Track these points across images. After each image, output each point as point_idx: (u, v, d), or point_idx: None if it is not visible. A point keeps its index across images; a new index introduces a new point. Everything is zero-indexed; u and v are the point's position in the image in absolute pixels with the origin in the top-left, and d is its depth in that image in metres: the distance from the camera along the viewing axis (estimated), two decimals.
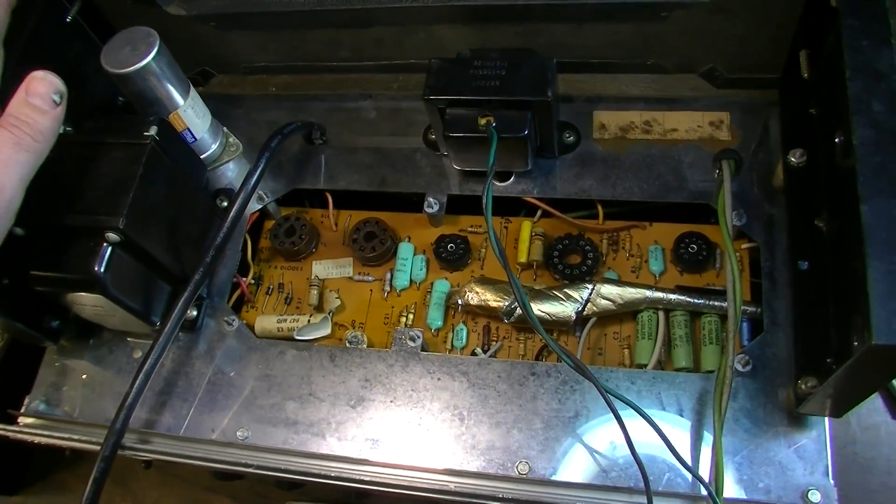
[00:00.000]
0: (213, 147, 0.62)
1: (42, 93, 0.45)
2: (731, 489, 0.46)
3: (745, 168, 0.55)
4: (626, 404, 0.45)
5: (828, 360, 0.42)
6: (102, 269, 0.49)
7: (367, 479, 0.50)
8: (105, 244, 0.49)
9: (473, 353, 0.55)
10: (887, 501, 0.58)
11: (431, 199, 0.58)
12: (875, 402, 0.60)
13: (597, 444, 0.49)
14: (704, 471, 0.46)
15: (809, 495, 0.45)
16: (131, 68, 0.54)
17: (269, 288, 0.60)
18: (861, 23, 0.43)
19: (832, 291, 0.44)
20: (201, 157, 0.61)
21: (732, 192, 0.53)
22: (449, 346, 0.56)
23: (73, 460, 0.69)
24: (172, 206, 0.54)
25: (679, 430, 0.48)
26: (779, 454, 0.47)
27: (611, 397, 0.44)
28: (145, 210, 0.50)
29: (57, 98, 0.46)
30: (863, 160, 0.38)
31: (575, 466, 0.48)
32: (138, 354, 0.57)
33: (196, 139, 0.60)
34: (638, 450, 0.45)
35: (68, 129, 0.56)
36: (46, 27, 0.57)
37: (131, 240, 0.49)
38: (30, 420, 0.58)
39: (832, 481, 0.46)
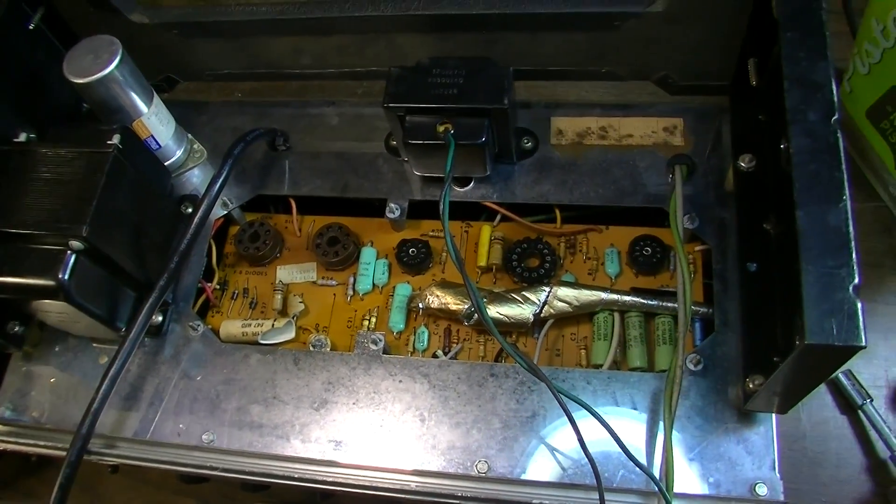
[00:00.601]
0: (178, 153, 0.63)
1: None
2: (682, 484, 0.47)
3: (698, 172, 0.57)
4: (578, 404, 0.47)
5: (774, 359, 0.44)
6: (66, 277, 0.49)
7: (331, 479, 0.51)
8: (69, 252, 0.50)
9: (434, 356, 0.56)
10: (836, 494, 0.60)
11: (393, 205, 0.59)
12: (824, 398, 0.62)
13: (554, 442, 0.50)
14: (657, 467, 0.48)
15: (757, 489, 0.47)
16: (94, 77, 0.54)
17: (234, 293, 0.61)
18: (800, 35, 0.44)
19: (778, 292, 0.45)
20: (166, 163, 0.62)
21: (686, 196, 0.55)
22: (411, 349, 0.57)
23: (39, 466, 0.69)
24: (136, 213, 0.55)
25: (633, 428, 0.50)
26: (728, 450, 0.48)
27: (563, 398, 0.45)
28: (109, 217, 0.51)
29: None
30: (799, 168, 0.40)
31: (533, 465, 0.50)
32: (104, 360, 0.58)
33: (160, 146, 0.61)
34: (594, 448, 0.47)
35: (31, 136, 0.56)
36: (8, 33, 0.58)
37: (95, 247, 0.50)
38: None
39: (778, 475, 0.47)
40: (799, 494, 0.58)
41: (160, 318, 0.57)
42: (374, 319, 0.58)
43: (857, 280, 0.37)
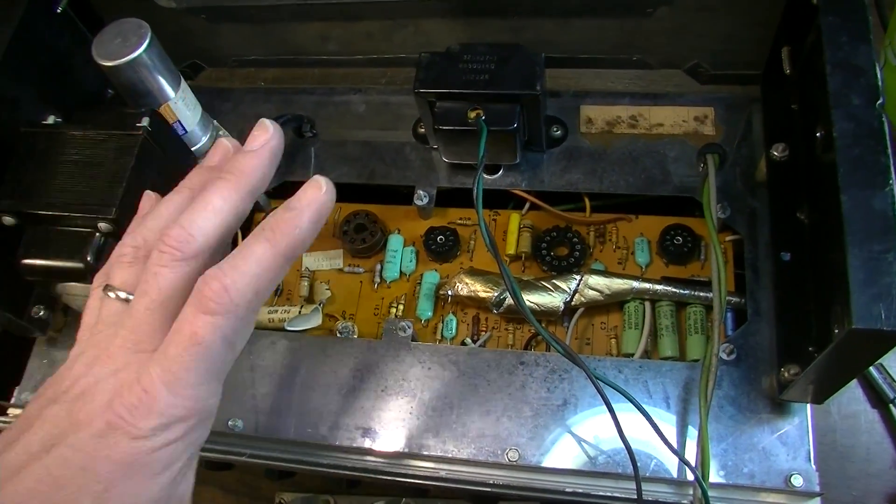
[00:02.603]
0: (204, 140, 0.62)
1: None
2: (716, 475, 0.47)
3: (728, 162, 0.56)
4: (615, 390, 0.46)
5: (809, 349, 0.43)
6: (94, 259, 0.49)
7: (360, 466, 0.51)
8: (97, 234, 0.49)
9: (463, 344, 0.56)
10: (866, 488, 0.59)
11: (421, 192, 0.59)
12: (855, 392, 0.62)
13: (585, 431, 0.49)
14: (690, 457, 0.48)
15: (792, 480, 0.47)
16: (122, 60, 0.54)
17: None
18: (841, 20, 0.44)
19: (813, 282, 0.45)
20: (192, 149, 0.61)
21: (716, 186, 0.54)
22: (438, 337, 0.57)
23: None
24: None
25: (666, 418, 0.49)
26: (762, 440, 0.48)
27: (600, 384, 0.45)
28: (137, 201, 0.51)
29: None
30: (842, 152, 0.39)
31: (564, 453, 0.49)
32: None
33: (187, 131, 0.60)
34: (626, 435, 0.46)
35: (58, 119, 0.56)
36: (35, 18, 0.57)
37: (123, 230, 0.49)
38: (19, 412, 0.58)
39: (814, 466, 0.47)
40: (828, 488, 0.57)
41: None
42: (401, 307, 0.58)
43: None
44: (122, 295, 0.37)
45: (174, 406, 0.33)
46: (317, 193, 0.40)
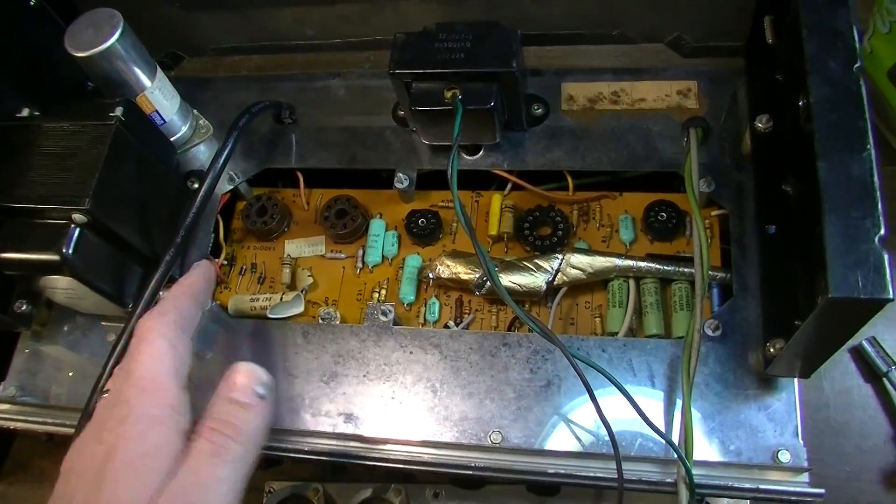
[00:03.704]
0: (183, 129, 0.62)
1: (243, 385, 0.44)
2: (702, 452, 0.46)
3: (714, 136, 0.55)
4: (594, 369, 0.46)
5: (795, 322, 0.43)
6: (70, 251, 0.49)
7: (342, 452, 0.50)
8: (73, 226, 0.49)
9: (446, 327, 0.55)
10: (860, 463, 0.59)
11: (402, 175, 0.58)
12: (848, 366, 0.61)
13: (569, 412, 0.49)
14: (676, 435, 0.47)
15: (779, 456, 0.46)
16: (95, 50, 0.53)
17: (241, 268, 0.60)
18: None
19: (798, 255, 0.44)
20: (171, 139, 0.61)
21: (701, 161, 0.53)
22: (422, 321, 0.56)
23: (52, 449, 0.69)
24: (141, 188, 0.54)
25: (651, 396, 0.48)
26: (749, 417, 0.47)
27: (578, 363, 0.44)
28: (113, 191, 0.50)
29: (260, 391, 0.44)
30: (820, 118, 0.39)
31: (548, 434, 0.48)
32: (112, 338, 0.57)
33: (165, 121, 0.60)
34: (609, 416, 0.46)
35: (35, 113, 0.56)
36: (9, 12, 0.57)
37: (99, 221, 0.49)
38: (5, 406, 0.57)
39: (801, 441, 0.46)
40: (822, 465, 0.57)
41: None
42: (384, 292, 0.57)
43: (882, 231, 0.36)
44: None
45: None
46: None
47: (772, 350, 0.45)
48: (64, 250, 0.48)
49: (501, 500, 0.59)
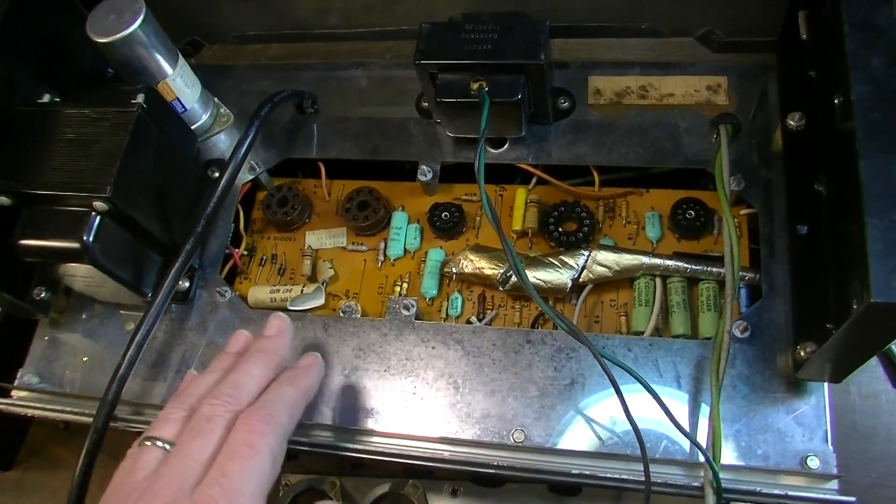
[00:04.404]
0: (204, 117, 0.61)
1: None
2: (729, 456, 0.45)
3: (743, 133, 0.54)
4: (622, 368, 0.45)
5: (827, 325, 0.42)
6: (91, 239, 0.48)
7: (362, 448, 0.50)
8: (93, 213, 0.48)
9: (468, 322, 0.54)
10: (887, 470, 0.57)
11: (425, 168, 0.57)
12: (875, 371, 0.60)
13: (593, 411, 0.48)
14: (702, 438, 0.46)
15: (808, 462, 0.45)
16: (117, 36, 0.53)
17: (262, 259, 0.60)
18: None
19: (831, 256, 0.43)
20: (192, 127, 0.60)
21: (730, 158, 0.52)
22: (444, 315, 0.55)
23: (67, 436, 0.69)
24: (162, 176, 0.53)
25: (676, 398, 0.47)
26: (777, 421, 0.46)
27: (606, 362, 0.43)
28: (134, 179, 0.50)
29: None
30: (861, 117, 0.37)
31: (571, 434, 0.48)
32: (130, 327, 0.57)
33: (186, 109, 0.59)
34: (635, 417, 0.45)
35: (55, 99, 0.55)
36: None
37: (120, 209, 0.49)
38: (23, 393, 0.57)
39: (831, 447, 0.45)
40: (848, 469, 0.56)
41: (187, 284, 0.56)
42: (405, 286, 0.57)
43: None
44: (162, 444, 0.41)
45: None
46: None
47: (802, 353, 0.44)
48: (84, 238, 0.48)
49: (521, 499, 0.58)
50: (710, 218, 0.54)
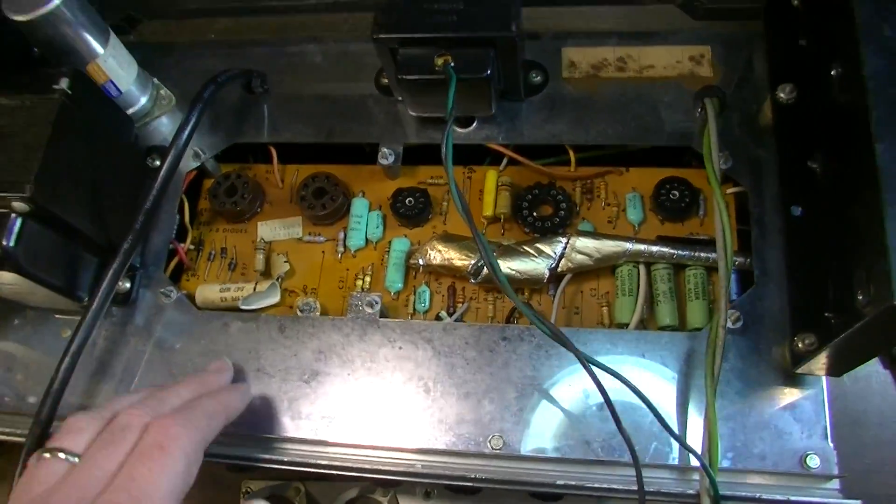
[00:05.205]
0: (142, 101, 0.56)
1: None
2: (724, 457, 0.42)
3: (728, 106, 0.50)
4: (613, 376, 0.41)
5: (826, 315, 0.39)
6: (12, 244, 0.43)
7: (325, 462, 0.45)
8: (14, 215, 0.43)
9: (438, 318, 0.50)
10: (879, 455, 0.55)
11: (386, 150, 0.53)
12: None
13: (578, 413, 0.44)
14: (696, 440, 0.43)
15: (808, 461, 0.42)
16: (36, 13, 0.47)
17: (210, 253, 0.55)
18: None
19: (830, 240, 0.40)
20: (129, 111, 0.55)
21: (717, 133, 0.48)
22: (411, 311, 0.51)
23: (10, 447, 0.63)
24: (95, 168, 0.48)
25: (667, 397, 0.44)
26: (774, 417, 0.43)
27: (595, 369, 0.39)
28: (60, 174, 0.44)
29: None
30: (876, 93, 0.34)
31: (555, 439, 0.44)
32: (67, 333, 0.52)
33: (121, 92, 0.54)
34: (623, 417, 0.41)
35: None
36: None
37: (44, 208, 0.43)
38: None
39: (831, 444, 0.42)
40: (839, 457, 0.53)
41: (128, 285, 0.51)
42: (368, 279, 0.52)
43: None
44: (65, 457, 0.37)
45: None
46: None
47: (801, 345, 0.41)
48: (5, 243, 0.43)
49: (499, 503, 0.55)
50: (695, 198, 0.50)
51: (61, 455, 0.37)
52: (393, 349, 0.47)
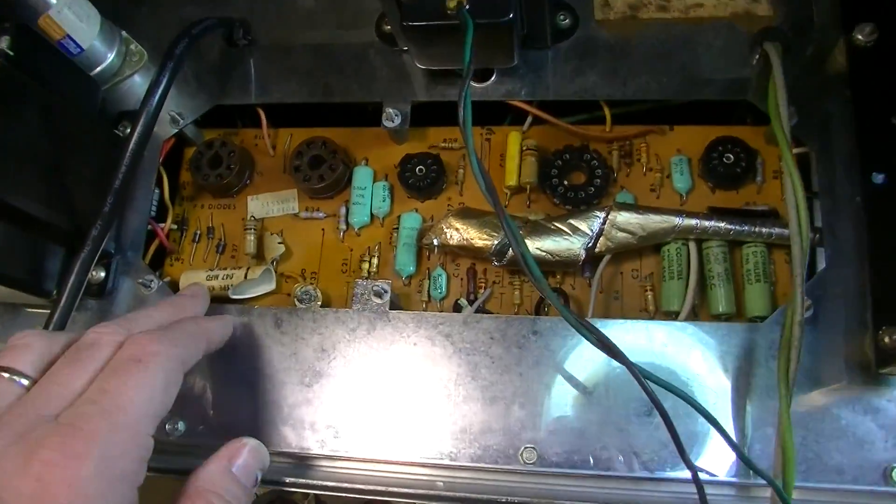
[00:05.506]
0: (109, 58, 0.48)
1: (249, 466, 0.37)
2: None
3: (791, 52, 0.43)
4: (673, 393, 0.35)
5: None
6: None
7: (331, 483, 0.40)
8: None
9: (456, 305, 0.44)
10: None
11: (391, 110, 0.46)
12: None
13: (622, 420, 0.38)
14: (760, 451, 0.37)
15: (894, 474, 0.36)
16: None
17: (195, 233, 0.48)
18: None
19: None
20: (93, 72, 0.48)
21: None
22: (425, 297, 0.45)
23: None
24: (52, 144, 0.41)
25: (727, 402, 0.38)
26: (852, 424, 0.37)
27: (651, 385, 0.33)
28: (6, 155, 0.37)
29: (259, 476, 0.37)
30: None
31: (596, 451, 0.38)
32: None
33: (82, 49, 0.46)
34: (675, 422, 0.35)
35: None
36: None
37: None
38: None
39: None
40: None
41: (102, 274, 0.45)
42: (375, 261, 0.46)
43: None
44: (10, 377, 0.33)
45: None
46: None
47: (886, 341, 0.35)
48: None
49: None
50: (752, 162, 0.43)
51: (5, 375, 0.33)
52: (406, 346, 0.41)
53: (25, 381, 0.33)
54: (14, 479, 0.29)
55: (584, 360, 0.39)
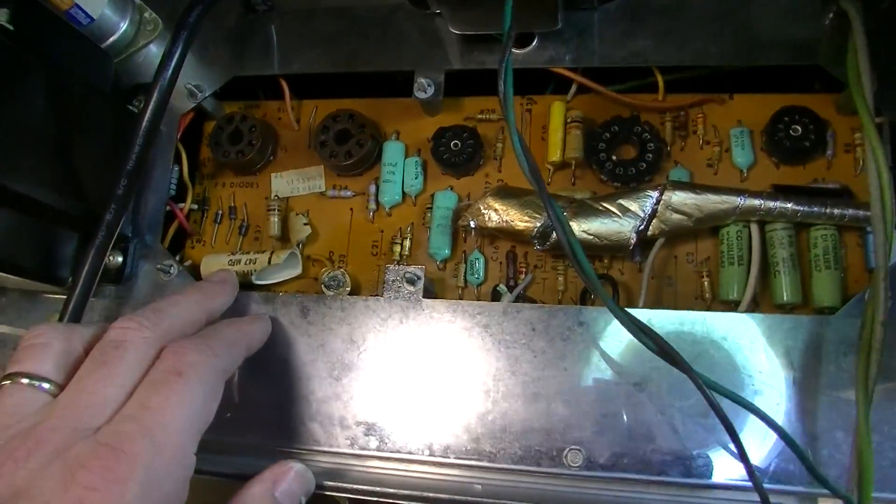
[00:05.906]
0: (123, 27, 0.46)
1: (293, 492, 0.36)
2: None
3: (870, 9, 0.38)
4: (741, 405, 0.31)
5: None
6: None
7: (362, 486, 0.37)
8: None
9: (495, 292, 0.41)
10: None
11: (423, 80, 0.42)
12: None
13: (675, 420, 0.35)
14: (830, 459, 0.33)
15: None
16: None
17: (217, 214, 0.46)
18: None
19: None
20: (104, 44, 0.45)
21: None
22: (461, 283, 0.42)
23: None
24: (60, 123, 0.38)
25: (790, 401, 0.34)
26: None
27: (715, 395, 0.30)
28: (10, 138, 0.35)
29: (303, 501, 0.37)
30: None
31: (646, 454, 0.35)
32: (55, 318, 0.43)
33: (93, 19, 0.43)
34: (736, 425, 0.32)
35: None
36: None
37: None
38: None
39: None
40: None
41: (119, 259, 0.42)
42: (407, 243, 0.43)
43: None
44: (29, 382, 0.31)
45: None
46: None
47: None
48: None
49: None
50: (822, 134, 0.39)
51: (24, 381, 0.31)
52: (441, 338, 0.38)
53: (48, 386, 0.31)
54: (54, 503, 0.27)
55: (635, 354, 0.36)
